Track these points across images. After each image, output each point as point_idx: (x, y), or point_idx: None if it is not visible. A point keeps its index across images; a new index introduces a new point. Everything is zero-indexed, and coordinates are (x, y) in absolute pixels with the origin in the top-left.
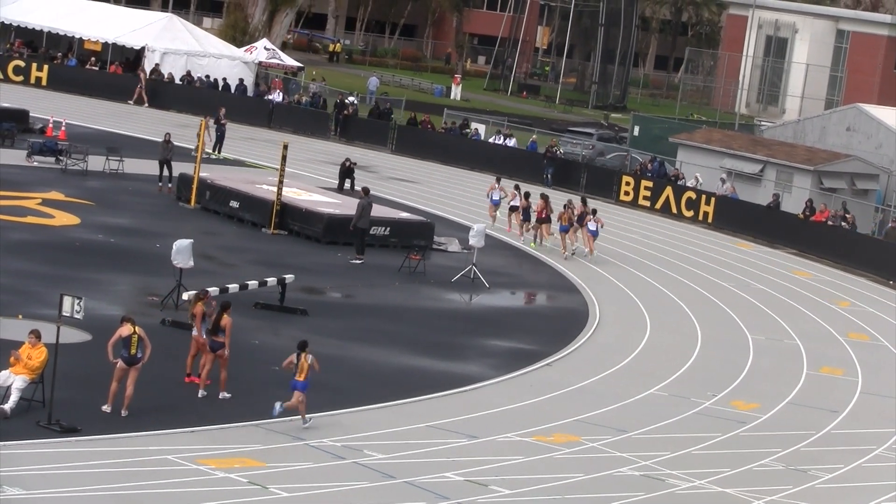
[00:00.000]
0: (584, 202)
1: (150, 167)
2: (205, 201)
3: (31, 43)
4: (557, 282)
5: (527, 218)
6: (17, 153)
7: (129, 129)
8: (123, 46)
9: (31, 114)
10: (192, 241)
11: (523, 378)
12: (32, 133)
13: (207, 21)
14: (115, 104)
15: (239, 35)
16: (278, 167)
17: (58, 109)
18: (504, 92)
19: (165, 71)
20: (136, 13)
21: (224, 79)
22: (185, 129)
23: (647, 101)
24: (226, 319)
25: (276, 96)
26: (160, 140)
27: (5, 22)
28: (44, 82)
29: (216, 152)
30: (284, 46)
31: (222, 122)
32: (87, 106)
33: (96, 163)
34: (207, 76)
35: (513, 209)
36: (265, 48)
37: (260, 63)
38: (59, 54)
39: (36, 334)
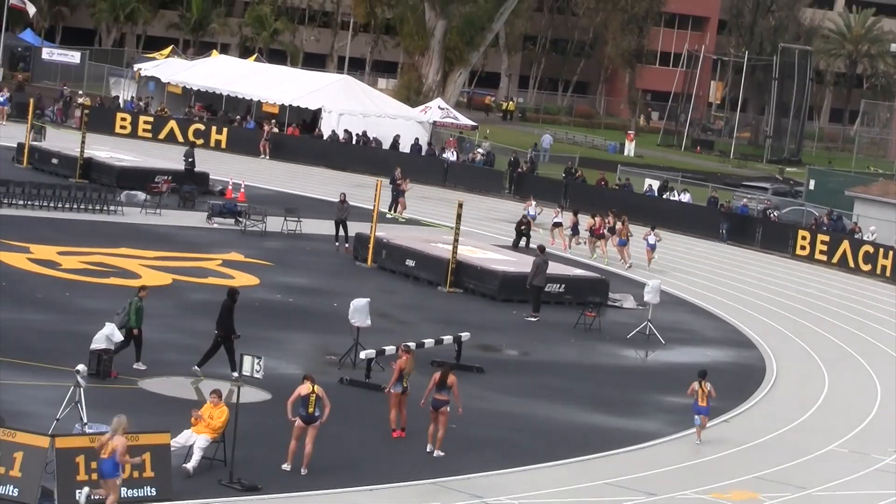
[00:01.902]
0: (616, 215)
1: (326, 227)
2: (381, 260)
3: (211, 106)
4: (733, 337)
5: (575, 232)
6: (198, 215)
7: (306, 189)
8: (300, 108)
9: (211, 176)
10: (368, 300)
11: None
12: (212, 195)
13: (382, 82)
14: (292, 165)
15: (413, 95)
16: (453, 226)
17: (237, 171)
18: (678, 147)
19: (341, 131)
20: (312, 75)
21: (396, 136)
22: (360, 188)
23: (823, 154)
24: (452, 378)
25: (451, 155)
26: (336, 200)
27: (186, 86)
28: (223, 145)
29: (392, 212)
30: (458, 105)
31: (398, 181)
32: (265, 167)
33: (274, 223)
34: (376, 137)
35: (556, 225)
36: (439, 107)
37: (434, 123)
38: (238, 117)
39: (218, 394)
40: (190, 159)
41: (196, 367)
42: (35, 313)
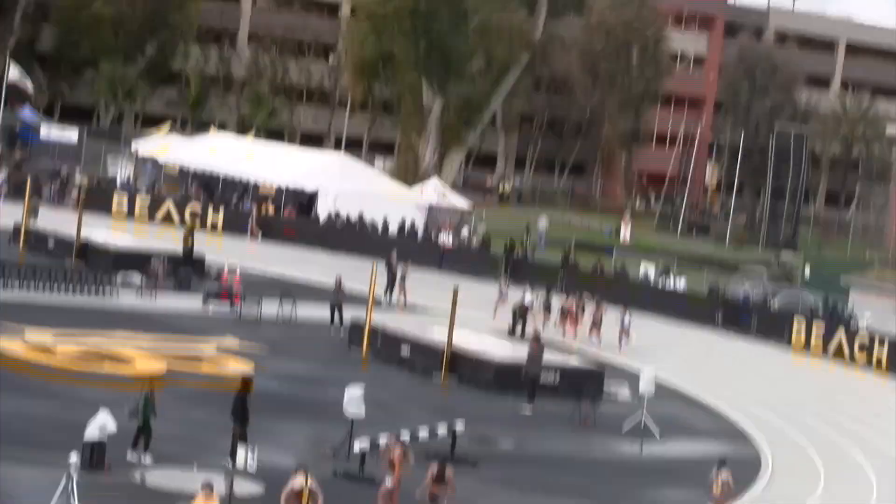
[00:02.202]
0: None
1: (322, 311)
2: (376, 348)
3: (208, 186)
4: (728, 429)
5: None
6: (194, 299)
7: (302, 273)
8: (296, 190)
9: (207, 258)
10: (362, 391)
11: None
12: (209, 278)
13: (380, 161)
14: (288, 248)
15: (410, 175)
16: (449, 311)
17: (233, 253)
18: (674, 231)
19: (338, 211)
20: (308, 155)
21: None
22: (357, 271)
23: (819, 239)
24: (449, 472)
25: (446, 238)
26: (332, 283)
27: (184, 168)
28: (219, 227)
29: (387, 295)
30: (455, 186)
31: (394, 265)
32: (261, 250)
33: (270, 308)
34: (375, 218)
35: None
36: (435, 189)
37: (430, 205)
38: (234, 198)
39: (210, 487)
40: (190, 242)
41: (227, 465)
42: (28, 399)
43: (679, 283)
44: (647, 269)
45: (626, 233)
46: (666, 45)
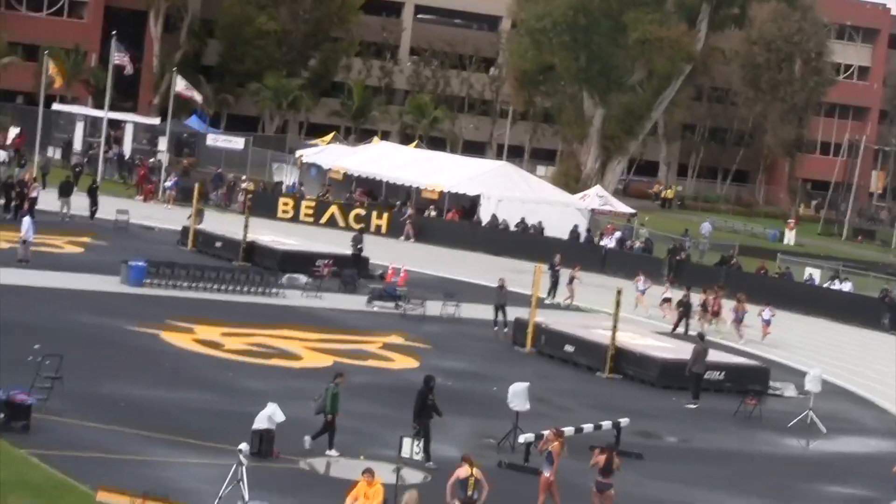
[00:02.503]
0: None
1: (485, 312)
2: (540, 345)
3: (372, 192)
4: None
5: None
6: (359, 299)
7: (464, 274)
8: (459, 194)
9: (371, 260)
10: (528, 384)
11: None
12: (373, 279)
13: (541, 169)
14: (451, 250)
15: (572, 182)
16: (612, 312)
17: (398, 255)
18: (838, 236)
19: (501, 217)
20: (471, 161)
21: (544, 222)
22: (519, 274)
23: None
24: (617, 461)
25: (609, 242)
26: (495, 285)
27: (348, 172)
28: (384, 230)
29: (551, 297)
30: (616, 193)
31: (556, 267)
32: (424, 252)
33: (433, 308)
34: (540, 222)
35: (665, 300)
36: (598, 195)
37: (593, 210)
38: (398, 202)
39: (371, 473)
40: (359, 245)
41: (429, 463)
42: (199, 393)
43: (845, 286)
44: (812, 273)
45: (790, 237)
46: (829, 57)
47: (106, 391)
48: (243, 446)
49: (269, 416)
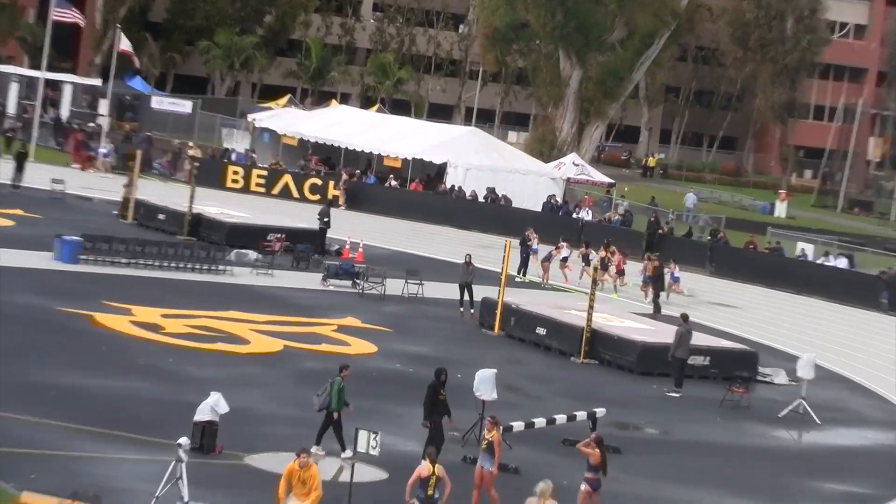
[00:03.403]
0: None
1: (450, 291)
2: (509, 328)
3: (329, 160)
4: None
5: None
6: (313, 277)
7: (429, 250)
8: (424, 162)
9: (327, 235)
10: (495, 371)
11: None
12: (328, 255)
13: (513, 135)
14: (415, 223)
15: (546, 149)
16: (588, 291)
17: (355, 230)
18: (833, 208)
19: (468, 188)
20: (437, 128)
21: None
22: (487, 249)
23: None
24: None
25: (586, 214)
26: (461, 262)
27: (303, 138)
28: (340, 201)
29: (521, 275)
30: (594, 161)
31: (529, 242)
32: (385, 226)
33: (394, 287)
34: (505, 196)
35: (564, 260)
36: (574, 163)
37: (568, 179)
38: (357, 171)
39: (307, 453)
40: (325, 219)
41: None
42: (136, 381)
43: (840, 262)
44: (804, 248)
45: (781, 209)
46: (823, 14)
47: (33, 380)
48: (183, 440)
49: (213, 406)
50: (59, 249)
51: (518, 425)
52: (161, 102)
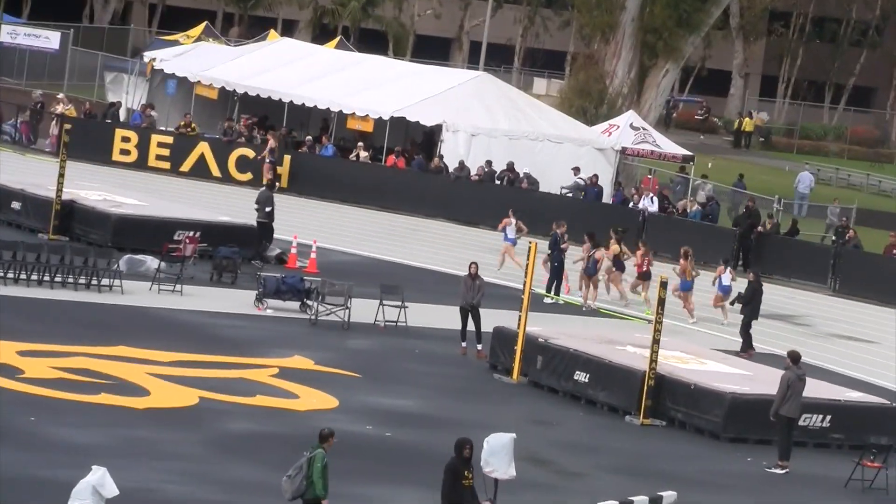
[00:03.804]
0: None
1: (447, 317)
2: (535, 372)
3: (266, 120)
4: None
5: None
6: (243, 295)
7: (414, 255)
8: (408, 124)
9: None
10: (513, 435)
11: None
12: (266, 263)
13: (541, 83)
14: (394, 216)
15: (591, 105)
16: (651, 317)
17: (303, 225)
18: None
19: (473, 163)
20: (427, 72)
21: (545, 171)
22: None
23: None
24: None
25: (649, 203)
26: (463, 275)
27: (227, 87)
28: (283, 183)
29: (551, 293)
30: (661, 123)
31: (562, 245)
32: (349, 219)
33: (363, 310)
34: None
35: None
36: (632, 126)
37: (624, 150)
38: (309, 138)
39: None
40: (268, 209)
41: None
42: None
43: None
44: None
45: None
46: None
47: None
48: None
49: (95, 486)
50: None
51: None
52: (14, 34)
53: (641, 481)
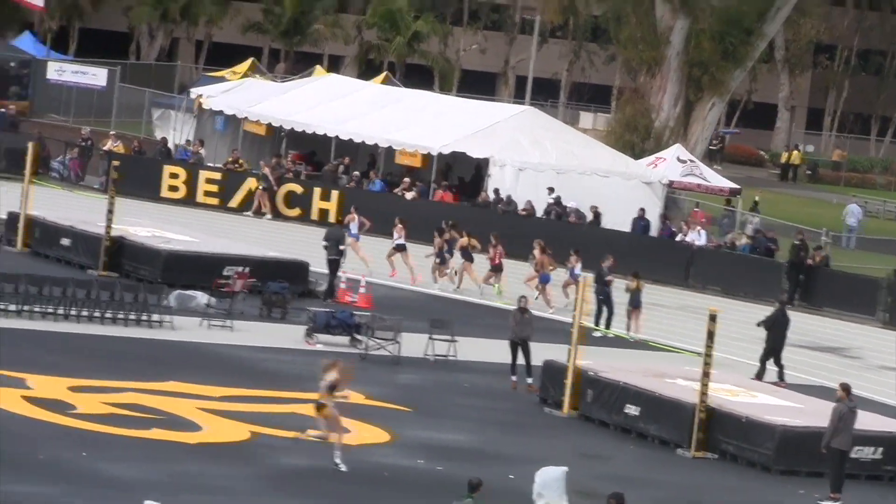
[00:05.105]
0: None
1: (497, 351)
2: (585, 405)
3: (314, 156)
4: None
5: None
6: (293, 330)
7: (463, 290)
8: (455, 156)
9: (311, 268)
10: (565, 469)
11: None
12: (314, 298)
13: (587, 117)
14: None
15: (637, 139)
16: (702, 351)
17: (353, 259)
18: None
19: (521, 197)
20: (473, 107)
21: (592, 205)
22: (553, 288)
23: None
24: None
25: (697, 236)
26: (512, 308)
27: (274, 124)
28: (333, 217)
29: (601, 326)
30: (709, 156)
31: (607, 279)
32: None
33: (413, 344)
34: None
35: (398, 248)
36: (678, 159)
37: (671, 184)
38: (357, 173)
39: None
40: (340, 246)
41: None
42: (33, 484)
43: None
44: None
45: None
46: None
47: None
48: None
49: None
50: None
51: None
52: (61, 71)
53: None
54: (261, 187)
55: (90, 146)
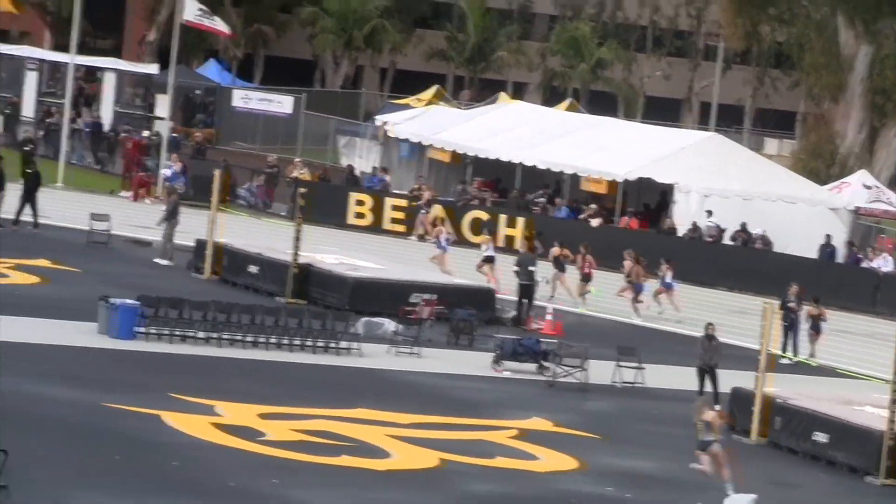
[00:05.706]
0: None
1: (684, 378)
2: (774, 433)
3: (498, 183)
4: None
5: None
6: (480, 357)
7: (651, 318)
8: (641, 183)
9: (497, 295)
10: (754, 496)
11: None
12: (502, 325)
13: (772, 143)
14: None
15: (823, 165)
16: (890, 378)
17: (541, 287)
18: None
19: (706, 223)
20: (658, 133)
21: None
22: (738, 316)
23: None
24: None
25: (884, 263)
26: (699, 335)
27: (459, 151)
28: (516, 243)
29: (790, 353)
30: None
31: (790, 304)
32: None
33: (600, 371)
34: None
35: (487, 259)
36: (865, 185)
37: (857, 209)
38: (542, 200)
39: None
40: (529, 268)
41: None
42: None
43: None
44: None
45: None
46: None
47: None
48: None
49: None
50: (106, 319)
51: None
52: (247, 99)
53: None
54: (423, 211)
55: (276, 173)
